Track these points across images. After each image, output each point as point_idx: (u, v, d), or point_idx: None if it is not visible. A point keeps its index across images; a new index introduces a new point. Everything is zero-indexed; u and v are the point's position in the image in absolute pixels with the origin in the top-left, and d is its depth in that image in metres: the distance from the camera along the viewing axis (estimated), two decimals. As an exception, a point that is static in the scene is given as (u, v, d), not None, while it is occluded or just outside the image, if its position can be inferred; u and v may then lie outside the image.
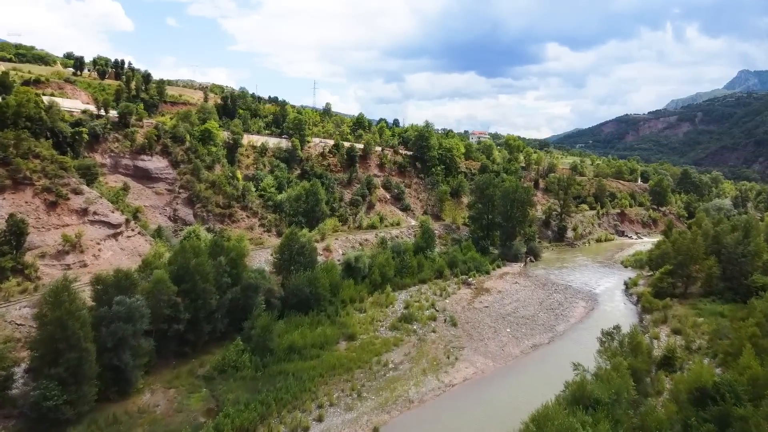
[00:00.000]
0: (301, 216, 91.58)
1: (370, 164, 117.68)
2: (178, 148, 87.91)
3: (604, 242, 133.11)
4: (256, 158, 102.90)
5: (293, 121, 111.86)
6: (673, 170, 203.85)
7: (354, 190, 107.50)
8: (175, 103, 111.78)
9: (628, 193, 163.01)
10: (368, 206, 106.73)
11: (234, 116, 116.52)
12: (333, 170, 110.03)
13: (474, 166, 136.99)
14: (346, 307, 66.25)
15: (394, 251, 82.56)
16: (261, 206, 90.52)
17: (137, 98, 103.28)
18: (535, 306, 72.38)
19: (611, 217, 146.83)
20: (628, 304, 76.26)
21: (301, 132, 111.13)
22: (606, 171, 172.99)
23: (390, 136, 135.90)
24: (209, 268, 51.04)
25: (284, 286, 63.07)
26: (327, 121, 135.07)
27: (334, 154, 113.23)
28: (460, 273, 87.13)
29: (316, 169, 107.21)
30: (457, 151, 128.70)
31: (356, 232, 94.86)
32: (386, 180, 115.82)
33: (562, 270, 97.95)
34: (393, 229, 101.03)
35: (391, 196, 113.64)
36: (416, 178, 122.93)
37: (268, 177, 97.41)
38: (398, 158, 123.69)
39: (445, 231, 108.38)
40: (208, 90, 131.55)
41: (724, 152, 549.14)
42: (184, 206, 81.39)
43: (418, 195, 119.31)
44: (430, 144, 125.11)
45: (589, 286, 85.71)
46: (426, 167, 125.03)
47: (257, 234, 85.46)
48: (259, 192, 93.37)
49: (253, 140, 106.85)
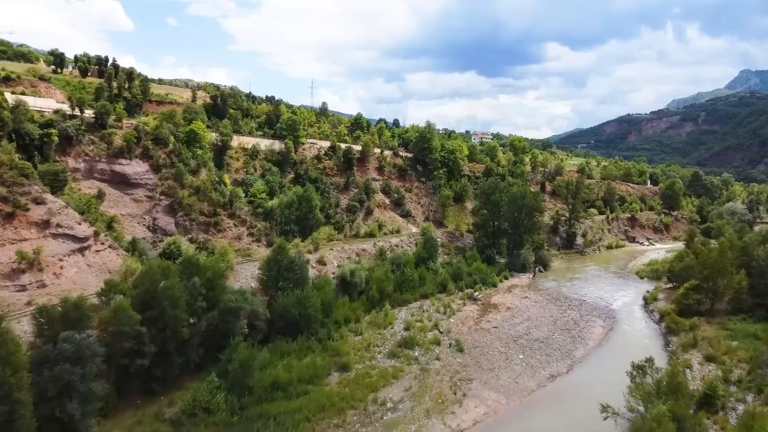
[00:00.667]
0: (293, 224, 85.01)
1: (368, 167, 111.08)
2: (161, 151, 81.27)
3: (614, 249, 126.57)
4: (247, 161, 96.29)
5: (287, 122, 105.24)
6: (683, 172, 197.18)
7: (351, 195, 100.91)
8: (161, 103, 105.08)
9: (638, 197, 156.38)
10: (366, 212, 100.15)
11: (224, 116, 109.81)
12: (329, 174, 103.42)
13: (478, 168, 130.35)
14: (340, 328, 59.66)
15: (394, 264, 75.98)
16: (250, 214, 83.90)
17: (119, 97, 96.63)
18: (548, 326, 65.74)
19: (621, 223, 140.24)
20: (649, 323, 69.64)
21: (295, 133, 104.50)
22: (614, 173, 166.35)
23: (389, 138, 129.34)
24: (180, 292, 44.41)
25: (271, 308, 56.43)
26: (323, 121, 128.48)
27: (330, 156, 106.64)
28: (465, 286, 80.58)
29: (311, 172, 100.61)
30: (460, 153, 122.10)
31: (353, 242, 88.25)
32: (385, 184, 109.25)
33: (574, 282, 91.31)
34: (392, 237, 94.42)
35: (390, 202, 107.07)
36: (417, 182, 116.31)
37: (259, 182, 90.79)
38: (398, 161, 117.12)
39: (448, 239, 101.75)
40: (196, 88, 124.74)
41: (729, 152, 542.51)
42: (165, 215, 74.74)
43: (419, 200, 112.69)
44: (432, 146, 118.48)
45: (605, 301, 79.09)
46: (427, 170, 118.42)
47: (245, 244, 78.83)
48: (248, 198, 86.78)
49: (243, 142, 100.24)
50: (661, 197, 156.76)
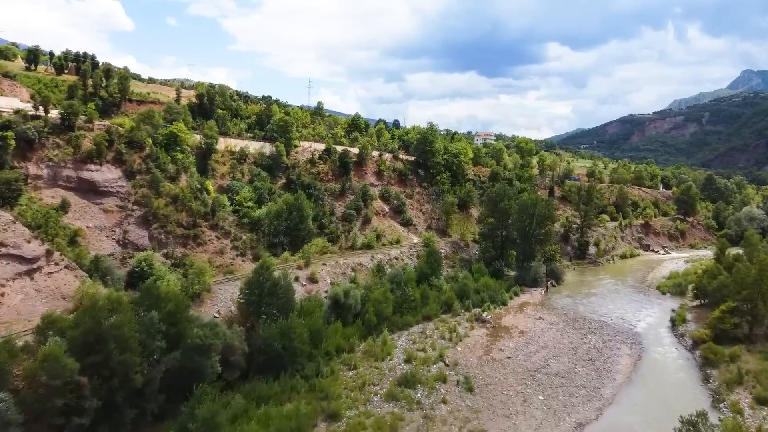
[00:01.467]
0: (282, 236, 77.21)
1: (366, 172, 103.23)
2: (136, 155, 73.46)
3: (629, 258, 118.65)
4: (234, 166, 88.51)
5: (278, 123, 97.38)
6: (695, 175, 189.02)
7: (347, 202, 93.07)
8: (143, 102, 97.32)
9: (651, 202, 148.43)
10: (363, 221, 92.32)
11: (211, 117, 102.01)
12: (323, 179, 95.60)
13: (483, 172, 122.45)
14: (332, 361, 51.88)
15: (393, 282, 68.09)
16: (235, 224, 76.10)
17: (95, 96, 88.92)
18: (568, 355, 57.86)
19: (635, 230, 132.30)
20: (681, 350, 61.74)
21: (287, 135, 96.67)
22: (625, 177, 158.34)
23: (389, 140, 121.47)
24: (133, 330, 36.59)
25: (250, 340, 48.62)
26: (318, 122, 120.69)
27: (325, 160, 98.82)
28: (472, 306, 72.79)
29: (304, 177, 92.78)
30: (464, 156, 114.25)
31: (348, 254, 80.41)
32: (384, 190, 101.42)
33: (591, 298, 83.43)
34: (392, 249, 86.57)
35: (390, 209, 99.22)
36: (419, 188, 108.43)
37: (246, 188, 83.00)
38: (398, 165, 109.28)
39: (452, 249, 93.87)
40: (182, 87, 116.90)
41: (734, 153, 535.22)
42: (138, 227, 66.89)
43: (421, 207, 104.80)
44: (435, 148, 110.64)
45: (628, 322, 71.23)
46: (430, 175, 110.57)
47: (228, 259, 71.02)
48: (233, 206, 79.02)
49: (231, 145, 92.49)
50: (676, 202, 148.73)
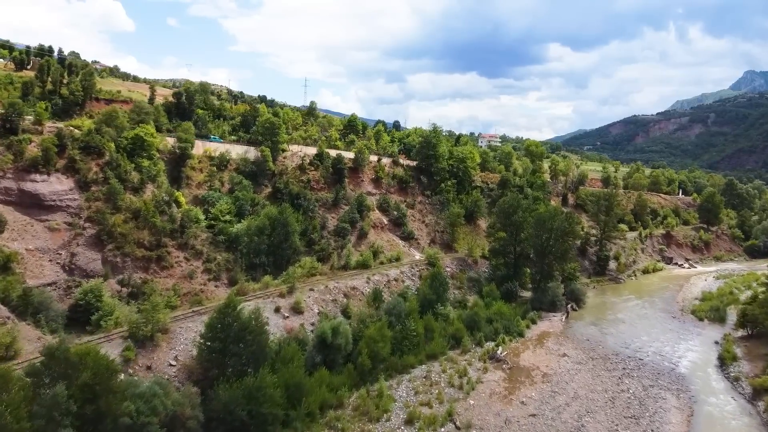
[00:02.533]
0: (264, 255, 66.76)
1: (362, 179, 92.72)
2: (93, 162, 63.12)
3: (651, 273, 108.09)
4: (212, 173, 78.19)
5: (263, 125, 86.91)
6: (715, 179, 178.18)
7: (341, 214, 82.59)
8: (112, 101, 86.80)
9: (671, 209, 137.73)
10: (359, 235, 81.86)
11: (191, 117, 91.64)
12: (314, 188, 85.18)
13: (491, 179, 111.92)
14: (314, 423, 41.36)
15: (392, 314, 57.51)
16: (208, 242, 65.70)
17: (55, 94, 78.59)
18: (605, 409, 47.34)
19: (655, 241, 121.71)
20: (739, 400, 51.14)
21: (274, 138, 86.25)
22: (642, 182, 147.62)
23: (388, 143, 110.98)
24: (22, 415, 26.07)
25: (208, 404, 38.10)
26: (311, 123, 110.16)
27: (317, 166, 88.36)
28: (484, 339, 62.32)
29: (292, 186, 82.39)
30: (471, 161, 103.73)
31: (341, 276, 69.90)
32: (383, 199, 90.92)
33: (618, 326, 72.87)
34: (391, 268, 76.07)
35: (389, 221, 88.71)
36: (421, 196, 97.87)
37: (224, 199, 72.56)
38: (398, 171, 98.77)
39: (458, 267, 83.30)
40: (155, 84, 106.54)
41: (742, 155, 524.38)
42: (89, 248, 56.46)
43: (424, 218, 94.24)
44: (438, 152, 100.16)
45: (668, 359, 60.70)
46: (433, 182, 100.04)
47: (198, 285, 60.56)
48: (208, 221, 68.61)
49: (210, 149, 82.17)
50: (698, 210, 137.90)
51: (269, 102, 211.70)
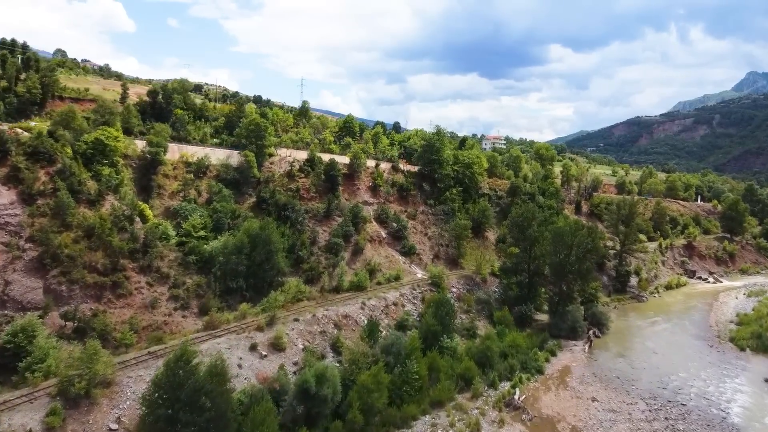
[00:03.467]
0: (242, 278, 57.62)
1: (358, 187, 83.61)
2: (41, 171, 54.00)
3: (675, 289, 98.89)
4: (188, 181, 69.11)
5: (247, 126, 77.83)
6: (733, 184, 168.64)
7: (333, 227, 73.49)
8: (78, 100, 78.01)
9: (690, 218, 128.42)
10: (354, 251, 72.75)
11: (168, 118, 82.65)
12: (304, 197, 76.08)
13: (499, 185, 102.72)
14: None
15: (389, 353, 48.37)
16: (177, 264, 56.56)
17: (10, 92, 69.58)
18: (654, 481, 38.05)
19: (676, 252, 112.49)
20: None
21: (259, 142, 77.19)
22: (658, 188, 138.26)
23: (387, 146, 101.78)
24: None
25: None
26: (303, 125, 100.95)
27: (307, 172, 79.26)
28: (498, 379, 53.12)
29: (279, 195, 73.30)
30: (478, 167, 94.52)
31: (332, 301, 60.82)
32: (381, 209, 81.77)
33: (649, 357, 63.75)
34: (390, 289, 66.99)
35: (387, 234, 79.56)
36: (423, 206, 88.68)
37: (199, 212, 63.44)
38: (398, 177, 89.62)
39: (465, 287, 74.15)
40: (127, 81, 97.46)
41: (749, 157, 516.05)
42: (29, 275, 47.31)
43: (426, 230, 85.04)
44: (442, 157, 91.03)
45: (714, 404, 51.57)
46: (437, 189, 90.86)
47: (162, 316, 51.44)
48: (179, 237, 59.51)
49: (187, 154, 73.12)
50: (721, 218, 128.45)
51: (264, 102, 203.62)
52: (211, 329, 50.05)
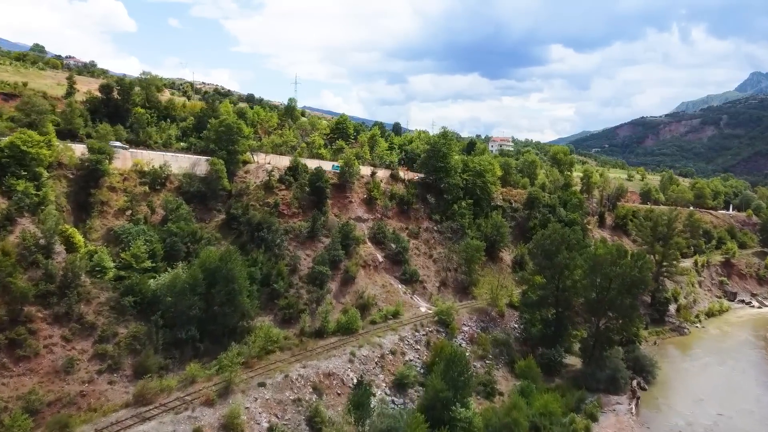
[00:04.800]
0: (195, 326, 44.55)
1: (350, 199, 70.46)
2: (-72, 187, 40.97)
3: (717, 316, 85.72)
4: (138, 196, 56.13)
5: (216, 128, 64.77)
6: (764, 191, 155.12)
7: (318, 251, 60.40)
8: (12, 96, 65.04)
9: (725, 230, 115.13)
10: (343, 280, 59.73)
11: (126, 119, 69.72)
12: (284, 213, 63.09)
13: (514, 196, 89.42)
14: None
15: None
16: (109, 308, 43.46)
17: None
18: None
19: (714, 271, 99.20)
20: None
21: (231, 147, 64.22)
22: (686, 195, 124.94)
23: (385, 150, 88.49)
24: None
25: None
26: (289, 126, 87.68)
27: (289, 183, 66.22)
28: (529, 465, 39.87)
29: (254, 212, 60.30)
30: (491, 175, 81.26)
31: (311, 353, 47.80)
32: (377, 227, 68.60)
33: (717, 422, 50.42)
34: (387, 332, 54.01)
35: (384, 257, 66.44)
36: (427, 221, 75.49)
37: (146, 236, 50.31)
38: (398, 188, 76.46)
39: (479, 324, 61.06)
40: (75, 72, 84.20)
41: (759, 159, 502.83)
42: None
43: (431, 251, 71.87)
44: (450, 164, 77.90)
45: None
46: (443, 201, 77.65)
47: (77, 384, 38.32)
48: (117, 270, 46.44)
49: (142, 162, 60.15)
50: (761, 231, 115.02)
51: (257, 101, 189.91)
52: (141, 404, 37.00)
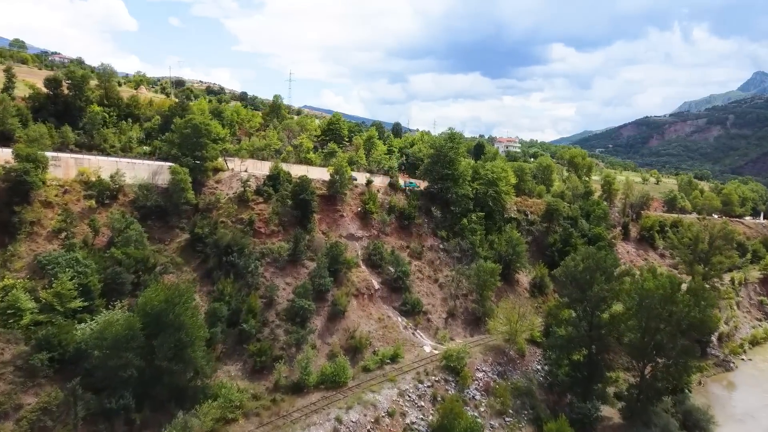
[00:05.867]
0: (130, 392, 33.98)
1: (342, 213, 59.77)
2: None
3: (762, 344, 75.00)
4: (85, 212, 45.80)
5: (180, 130, 54.16)
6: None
7: (301, 278, 49.80)
8: (-63, 92, 54.57)
9: (759, 241, 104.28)
10: (330, 315, 49.19)
11: (77, 119, 59.23)
12: (260, 232, 52.58)
13: (530, 206, 78.67)
14: None
15: None
16: (14, 369, 32.94)
17: None
18: None
19: (752, 290, 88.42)
20: None
21: (198, 152, 53.68)
22: (714, 203, 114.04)
23: (384, 155, 77.63)
24: None
25: None
26: (273, 127, 76.84)
27: (268, 195, 55.60)
28: None
29: (224, 231, 49.85)
30: (505, 183, 70.47)
31: (285, 420, 37.16)
32: (373, 247, 57.91)
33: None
34: (383, 384, 43.52)
35: (381, 283, 55.80)
36: (432, 239, 64.74)
37: (78, 266, 39.76)
38: (398, 199, 65.71)
39: (495, 368, 50.43)
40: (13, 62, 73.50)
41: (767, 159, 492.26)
42: None
43: (436, 273, 61.12)
44: (458, 171, 67.14)
45: None
46: (450, 215, 66.89)
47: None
48: (35, 314, 35.87)
49: (88, 171, 49.78)
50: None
51: (250, 99, 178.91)
52: None
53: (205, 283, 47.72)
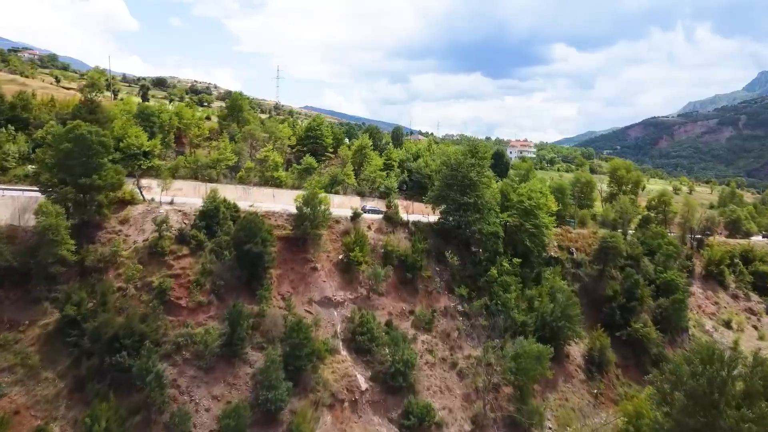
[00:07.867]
0: None
1: (315, 266, 40.05)
2: None
3: None
4: None
5: (57, 146, 34.59)
6: None
7: (239, 386, 30.25)
8: None
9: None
10: (287, 450, 29.41)
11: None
12: (181, 306, 33.06)
13: (574, 241, 58.74)
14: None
15: None
16: None
17: None
18: None
19: None
20: None
21: (86, 178, 34.16)
22: None
23: (378, 170, 57.39)
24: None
25: None
26: (231, 135, 56.77)
27: (198, 242, 35.95)
28: None
29: (113, 310, 30.13)
30: (544, 210, 50.59)
31: None
32: (360, 319, 38.24)
33: None
34: None
35: (370, 380, 36.11)
36: (447, 298, 44.84)
37: None
38: (396, 240, 45.72)
39: None
40: None
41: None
42: None
43: (453, 354, 41.34)
44: (485, 198, 47.21)
45: None
46: (472, 261, 47.13)
47: None
48: None
49: None
50: None
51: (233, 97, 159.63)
52: None
53: (75, 402, 28.53)
